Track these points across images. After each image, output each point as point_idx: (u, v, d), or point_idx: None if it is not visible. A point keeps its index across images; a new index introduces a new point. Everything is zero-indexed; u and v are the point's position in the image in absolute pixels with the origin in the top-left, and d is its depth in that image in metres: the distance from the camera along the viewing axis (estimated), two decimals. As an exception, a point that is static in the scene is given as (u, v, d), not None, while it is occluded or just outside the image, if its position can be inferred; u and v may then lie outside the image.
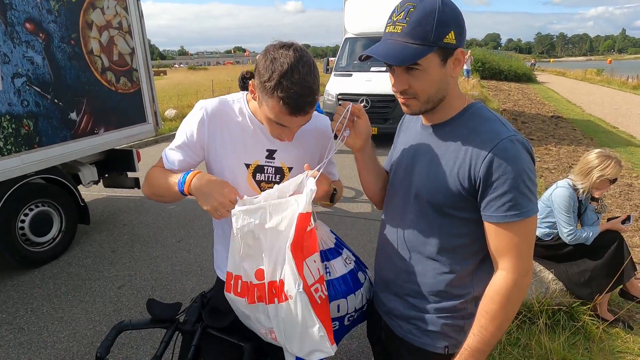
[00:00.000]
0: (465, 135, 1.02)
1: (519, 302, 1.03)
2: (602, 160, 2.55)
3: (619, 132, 9.88)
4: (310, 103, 1.07)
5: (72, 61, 3.79)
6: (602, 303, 2.76)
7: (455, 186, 1.02)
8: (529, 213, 0.97)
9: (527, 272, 1.01)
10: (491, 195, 0.98)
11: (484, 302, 1.03)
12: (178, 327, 1.34)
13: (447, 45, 0.96)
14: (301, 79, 1.03)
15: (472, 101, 1.09)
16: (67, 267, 3.72)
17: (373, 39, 8.71)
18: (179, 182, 1.17)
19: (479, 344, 1.03)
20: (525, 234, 0.99)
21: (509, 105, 14.68)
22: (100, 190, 5.40)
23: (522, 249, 1.00)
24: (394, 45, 0.97)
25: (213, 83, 18.22)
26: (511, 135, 0.98)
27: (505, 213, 0.97)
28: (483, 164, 0.97)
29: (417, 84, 1.00)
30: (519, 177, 0.95)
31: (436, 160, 1.06)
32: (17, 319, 2.98)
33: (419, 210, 1.11)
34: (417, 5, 0.95)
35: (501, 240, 1.00)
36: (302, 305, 1.05)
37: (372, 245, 4.03)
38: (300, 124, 1.13)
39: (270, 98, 1.06)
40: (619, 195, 5.30)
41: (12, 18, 3.25)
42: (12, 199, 3.49)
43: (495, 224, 0.99)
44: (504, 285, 1.00)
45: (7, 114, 3.24)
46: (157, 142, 9.15)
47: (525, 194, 0.97)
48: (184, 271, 3.63)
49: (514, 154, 0.96)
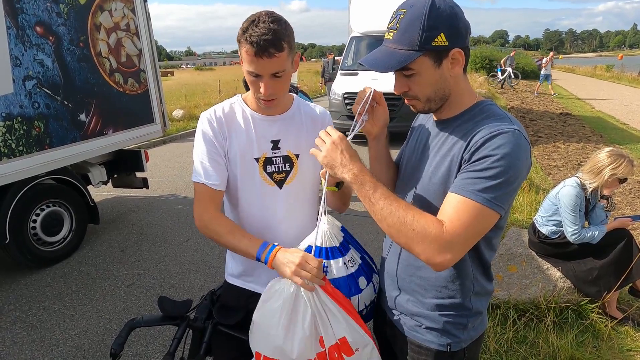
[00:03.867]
0: (470, 128, 1.02)
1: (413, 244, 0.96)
2: (614, 159, 2.53)
3: (630, 128, 9.75)
4: (274, 46, 1.12)
5: (81, 63, 3.84)
6: (611, 301, 2.73)
7: (450, 171, 1.02)
8: (489, 203, 0.92)
9: (453, 245, 0.93)
10: (468, 167, 0.96)
11: (412, 209, 0.98)
12: (189, 324, 1.36)
13: (438, 47, 0.97)
14: (266, 25, 1.12)
15: (482, 99, 1.10)
16: (77, 266, 3.78)
17: (379, 37, 8.66)
18: (258, 256, 1.18)
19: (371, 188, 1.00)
20: (481, 220, 0.94)
21: (516, 102, 14.56)
22: (110, 191, 5.47)
23: (468, 227, 0.93)
24: (383, 53, 1.02)
25: (220, 83, 18.30)
26: (515, 129, 0.95)
27: (473, 189, 0.93)
28: (474, 143, 0.96)
29: (414, 86, 1.03)
30: (504, 167, 0.91)
31: (440, 154, 1.07)
32: (29, 316, 3.04)
33: (421, 204, 1.09)
34: (407, 11, 0.98)
35: (457, 206, 0.94)
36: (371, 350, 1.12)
37: (378, 244, 4.02)
38: (268, 69, 1.15)
39: (241, 47, 1.15)
40: (629, 193, 5.24)
41: (23, 22, 3.31)
42: (24, 199, 3.56)
43: (457, 194, 0.95)
44: (430, 224, 0.94)
45: (18, 116, 3.30)
46: (165, 142, 9.24)
47: (501, 187, 0.92)
48: (192, 270, 3.67)
49: (511, 144, 0.93)
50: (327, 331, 1.09)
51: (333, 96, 8.71)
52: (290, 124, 1.35)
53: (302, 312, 1.08)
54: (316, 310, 1.08)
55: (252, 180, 1.30)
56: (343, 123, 8.50)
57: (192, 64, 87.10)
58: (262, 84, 1.18)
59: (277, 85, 1.20)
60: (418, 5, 0.97)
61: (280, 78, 1.19)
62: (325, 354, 1.10)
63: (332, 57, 12.58)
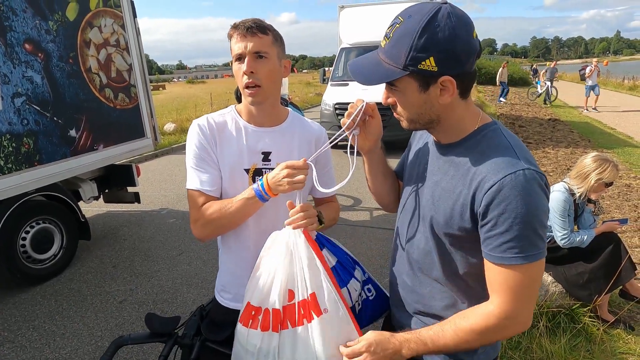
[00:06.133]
0: (474, 162, 0.94)
1: (494, 340, 0.98)
2: (600, 164, 2.57)
3: (617, 133, 9.92)
4: (260, 29, 1.21)
5: (70, 79, 3.84)
6: (602, 304, 2.76)
7: (459, 216, 0.95)
8: (532, 258, 0.87)
9: (515, 317, 0.92)
10: (490, 232, 0.89)
11: (461, 317, 0.97)
12: (177, 341, 1.34)
13: (424, 71, 0.88)
14: (252, 18, 1.24)
15: (488, 121, 1.00)
16: (68, 284, 3.73)
17: (368, 48, 8.74)
18: (257, 194, 1.19)
19: (430, 341, 0.98)
20: (526, 279, 0.89)
21: (505, 109, 14.76)
22: (101, 206, 5.43)
23: (518, 292, 0.90)
24: (370, 61, 0.97)
25: (212, 96, 18.34)
26: (522, 169, 0.87)
27: (502, 254, 0.89)
28: (485, 197, 0.88)
29: (398, 102, 0.97)
30: (523, 218, 0.85)
31: (442, 185, 1.00)
32: (19, 336, 2.99)
33: (426, 233, 1.05)
34: (404, 21, 0.89)
35: (497, 278, 0.92)
36: (343, 313, 1.05)
37: (371, 253, 4.04)
38: (251, 47, 1.20)
39: (231, 39, 1.23)
40: (617, 196, 5.31)
41: (11, 39, 3.32)
42: (13, 216, 3.52)
43: (492, 263, 0.92)
44: (487, 316, 0.93)
45: (7, 133, 3.29)
46: (157, 156, 9.21)
47: (530, 237, 0.87)
48: (185, 284, 3.64)
49: (521, 190, 0.85)
50: (300, 284, 1.07)
51: (324, 107, 8.78)
52: (282, 137, 1.34)
53: (285, 261, 1.10)
54: (297, 259, 1.09)
55: (241, 190, 1.28)
56: (334, 133, 8.50)
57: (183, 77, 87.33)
58: (244, 63, 1.20)
59: (260, 67, 1.21)
60: (416, 17, 0.87)
61: (263, 61, 1.21)
62: (294, 307, 1.07)
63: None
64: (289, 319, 1.07)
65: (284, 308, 1.08)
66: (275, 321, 1.08)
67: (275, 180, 1.14)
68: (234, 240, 1.35)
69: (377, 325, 1.32)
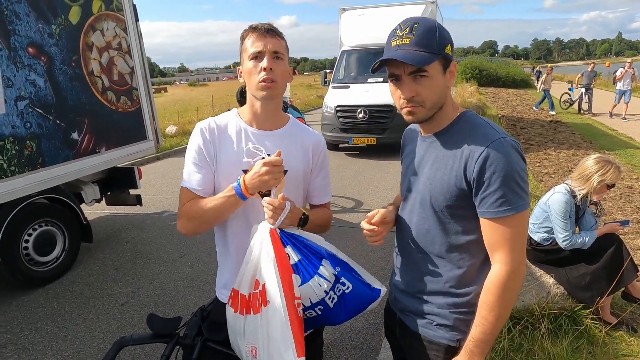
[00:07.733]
0: (460, 140, 1.12)
1: (515, 292, 1.11)
2: (602, 166, 2.57)
3: (618, 134, 9.90)
4: (277, 33, 1.29)
5: (73, 82, 3.87)
6: (605, 306, 2.75)
7: (455, 186, 1.11)
8: (520, 208, 1.06)
9: (520, 263, 1.09)
10: (484, 193, 1.07)
11: (483, 295, 1.11)
12: (178, 342, 1.35)
13: (447, 55, 1.10)
14: (266, 22, 1.31)
15: (464, 110, 1.19)
16: (70, 286, 3.74)
17: (369, 51, 8.82)
18: (237, 191, 1.23)
19: (481, 334, 1.10)
20: (517, 228, 1.07)
21: (507, 111, 14.75)
22: (103, 208, 5.45)
23: (514, 242, 1.08)
24: (407, 52, 1.07)
25: (213, 99, 18.39)
26: (501, 137, 1.07)
27: (497, 209, 1.06)
28: (476, 164, 1.06)
29: (424, 90, 1.09)
30: (509, 175, 1.04)
31: (436, 165, 1.16)
32: (21, 339, 3.00)
33: (424, 213, 1.19)
34: (419, 22, 1.09)
35: (495, 234, 1.08)
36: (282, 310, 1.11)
37: (373, 255, 4.03)
38: (271, 46, 1.26)
39: (246, 40, 1.29)
40: (619, 198, 5.30)
41: (15, 43, 3.34)
42: (16, 219, 3.53)
43: (489, 219, 1.08)
44: (499, 277, 1.08)
45: (10, 136, 3.31)
46: (159, 158, 9.23)
47: (516, 190, 1.05)
48: (187, 286, 3.64)
49: (504, 153, 1.05)
50: (259, 275, 1.18)
51: (325, 109, 8.79)
52: (281, 141, 1.37)
53: (255, 252, 1.20)
54: (264, 252, 1.18)
55: None
56: (336, 135, 8.56)
57: (185, 80, 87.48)
58: (264, 60, 1.25)
59: (277, 66, 1.27)
60: (427, 20, 1.11)
61: (280, 62, 1.28)
62: (257, 295, 1.17)
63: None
64: (252, 305, 1.19)
65: (249, 295, 1.20)
66: (242, 305, 1.21)
67: (251, 178, 1.20)
68: (232, 238, 1.38)
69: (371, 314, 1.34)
